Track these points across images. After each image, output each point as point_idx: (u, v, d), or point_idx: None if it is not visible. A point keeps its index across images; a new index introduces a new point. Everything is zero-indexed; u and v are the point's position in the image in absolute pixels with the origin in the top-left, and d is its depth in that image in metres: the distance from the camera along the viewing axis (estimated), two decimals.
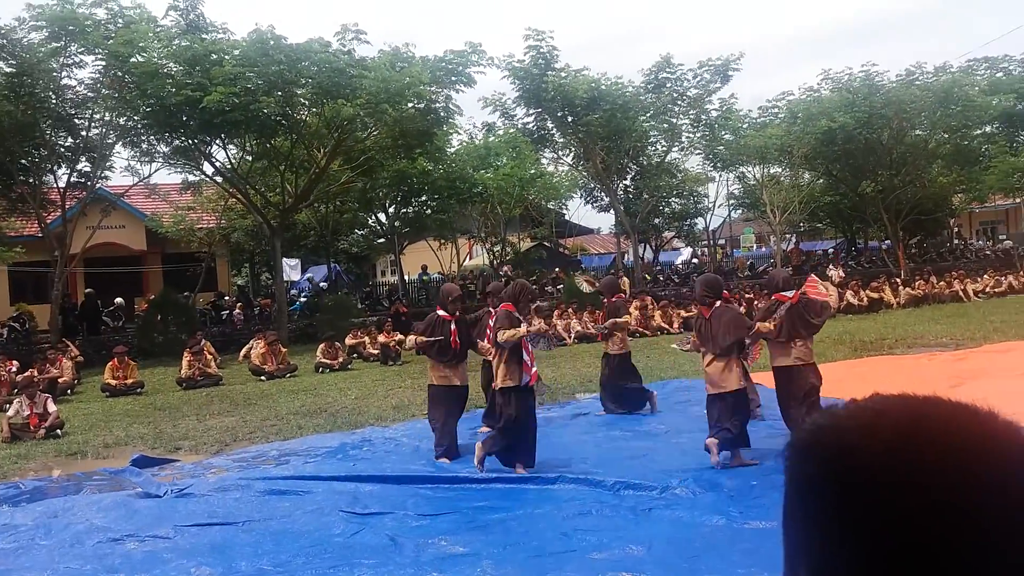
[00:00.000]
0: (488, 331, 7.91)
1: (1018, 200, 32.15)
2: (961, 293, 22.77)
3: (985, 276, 24.72)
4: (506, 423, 6.81)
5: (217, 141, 20.24)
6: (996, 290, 23.56)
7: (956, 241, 36.12)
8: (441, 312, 7.75)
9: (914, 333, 15.47)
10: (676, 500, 6.05)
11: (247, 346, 16.78)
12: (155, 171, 21.88)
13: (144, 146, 20.29)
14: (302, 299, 25.24)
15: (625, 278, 23.15)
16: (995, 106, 25.58)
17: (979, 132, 28.38)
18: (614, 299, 9.48)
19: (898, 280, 23.79)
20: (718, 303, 6.96)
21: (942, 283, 23.37)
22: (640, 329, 18.71)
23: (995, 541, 0.59)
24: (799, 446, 0.68)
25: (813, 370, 7.23)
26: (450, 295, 7.99)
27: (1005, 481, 0.60)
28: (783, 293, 7.31)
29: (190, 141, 19.67)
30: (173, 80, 17.68)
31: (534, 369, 6.99)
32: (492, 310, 8.34)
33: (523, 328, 6.91)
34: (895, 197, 26.60)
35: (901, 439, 0.62)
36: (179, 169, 22.20)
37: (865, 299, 21.41)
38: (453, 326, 7.65)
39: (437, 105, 20.74)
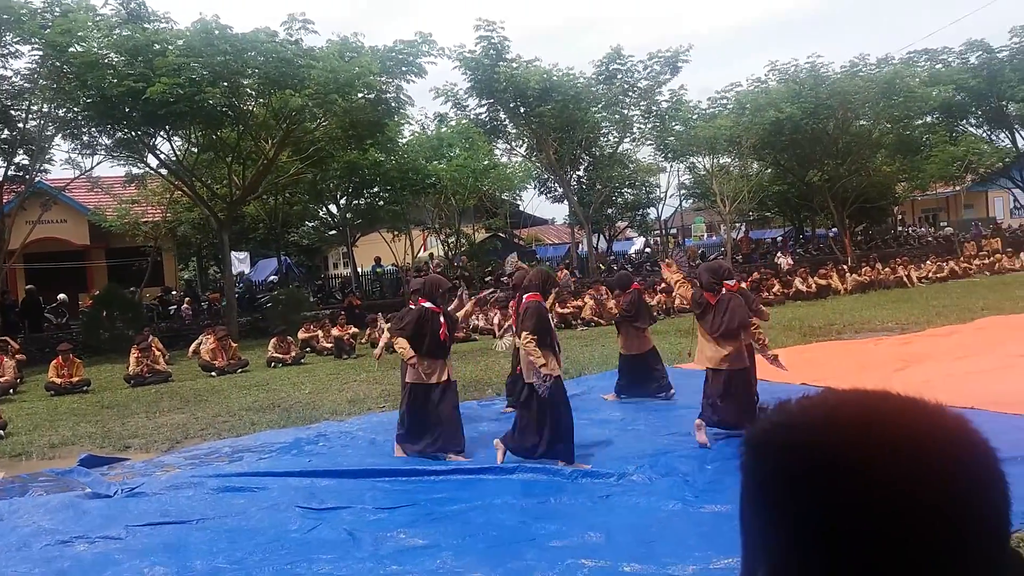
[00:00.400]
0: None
1: (958, 188, 33.12)
2: (905, 279, 23.40)
3: (928, 262, 25.44)
4: (530, 419, 6.71)
5: (161, 133, 19.76)
6: (938, 275, 24.27)
7: (900, 228, 37.09)
8: (428, 304, 7.33)
9: (861, 318, 15.85)
10: (633, 486, 6.11)
11: (196, 341, 16.47)
12: (97, 164, 21.31)
13: (85, 138, 19.72)
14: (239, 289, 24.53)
15: (565, 271, 23.33)
16: (935, 97, 26.29)
17: (920, 122, 29.17)
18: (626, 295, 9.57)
19: (845, 267, 24.34)
20: (723, 290, 7.22)
21: (887, 269, 23.99)
22: (595, 318, 18.85)
23: (949, 532, 0.60)
24: (753, 444, 0.68)
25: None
26: (440, 287, 7.59)
27: (956, 473, 0.61)
28: (727, 283, 7.41)
29: (133, 133, 19.17)
30: (114, 71, 17.19)
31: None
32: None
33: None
34: (841, 186, 27.19)
35: (854, 436, 0.62)
36: (122, 162, 21.63)
37: (813, 286, 21.86)
38: (442, 319, 7.33)
39: (388, 95, 20.54)
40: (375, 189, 25.86)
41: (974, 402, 7.47)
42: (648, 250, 34.36)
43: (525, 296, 6.99)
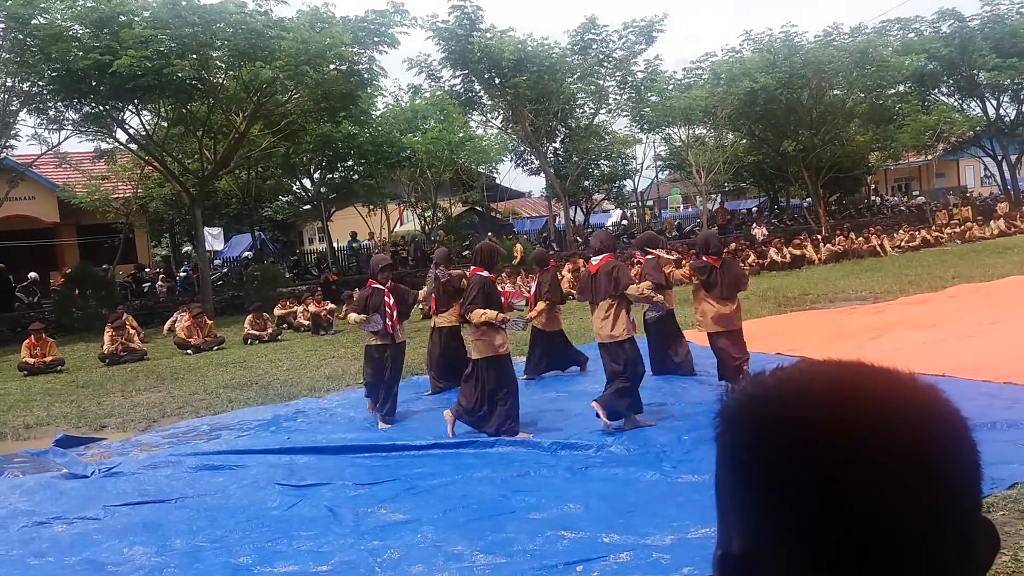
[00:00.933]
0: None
1: (930, 157, 33.43)
2: (878, 248, 23.64)
3: (900, 231, 25.71)
4: (632, 372, 6.79)
5: (130, 107, 19.39)
6: (911, 244, 24.55)
7: (873, 198, 37.42)
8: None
9: (835, 288, 16.02)
10: (612, 458, 6.17)
11: (171, 319, 16.31)
12: (65, 139, 20.93)
13: (52, 113, 19.29)
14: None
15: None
16: (907, 66, 26.43)
17: (893, 91, 29.34)
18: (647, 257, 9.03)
19: (819, 237, 24.55)
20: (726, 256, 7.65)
21: (861, 239, 24.21)
22: (572, 291, 18.87)
23: (923, 502, 0.60)
24: (728, 416, 0.68)
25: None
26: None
27: (929, 444, 0.62)
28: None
29: (101, 107, 18.79)
30: (79, 43, 16.80)
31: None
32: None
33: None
34: (815, 156, 27.34)
35: (828, 407, 0.63)
36: (90, 137, 21.23)
37: (788, 256, 22.03)
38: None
39: (360, 67, 20.27)
40: (349, 163, 25.62)
41: (945, 369, 7.61)
42: (624, 222, 34.42)
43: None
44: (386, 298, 7.76)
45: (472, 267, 7.23)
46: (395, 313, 7.78)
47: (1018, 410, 6.13)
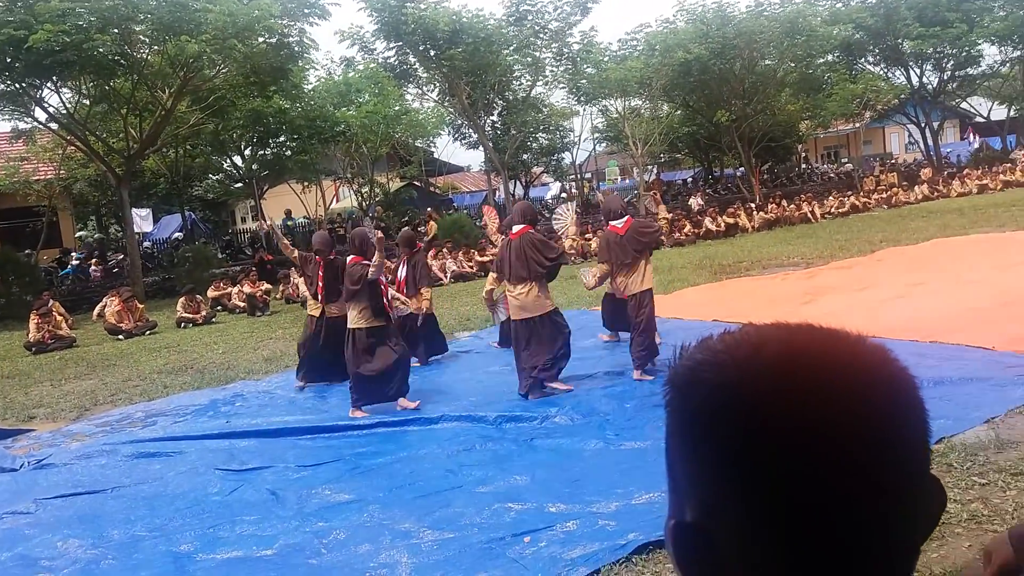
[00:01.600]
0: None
1: (857, 125, 34.33)
2: (809, 215, 24.23)
3: (830, 198, 26.38)
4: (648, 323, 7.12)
5: (48, 84, 18.54)
6: (840, 211, 25.22)
7: (804, 166, 38.28)
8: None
9: (768, 255, 16.37)
10: (556, 428, 6.22)
11: (100, 304, 15.76)
12: None
13: None
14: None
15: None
16: (836, 36, 26.98)
17: (822, 61, 29.94)
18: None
19: (752, 205, 25.03)
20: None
21: (792, 206, 24.77)
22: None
23: (877, 462, 0.60)
24: (678, 383, 0.66)
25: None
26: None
27: (880, 403, 0.61)
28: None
29: (17, 85, 17.92)
30: None
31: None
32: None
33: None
34: (748, 125, 27.78)
35: (780, 371, 0.62)
36: (7, 116, 20.24)
37: (723, 225, 22.42)
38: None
39: (290, 39, 19.76)
40: (281, 138, 25.01)
41: (875, 330, 7.82)
42: (564, 195, 34.53)
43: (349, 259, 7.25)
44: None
45: (352, 256, 7.18)
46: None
47: (944, 368, 6.37)
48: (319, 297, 8.33)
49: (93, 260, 22.45)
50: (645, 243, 7.33)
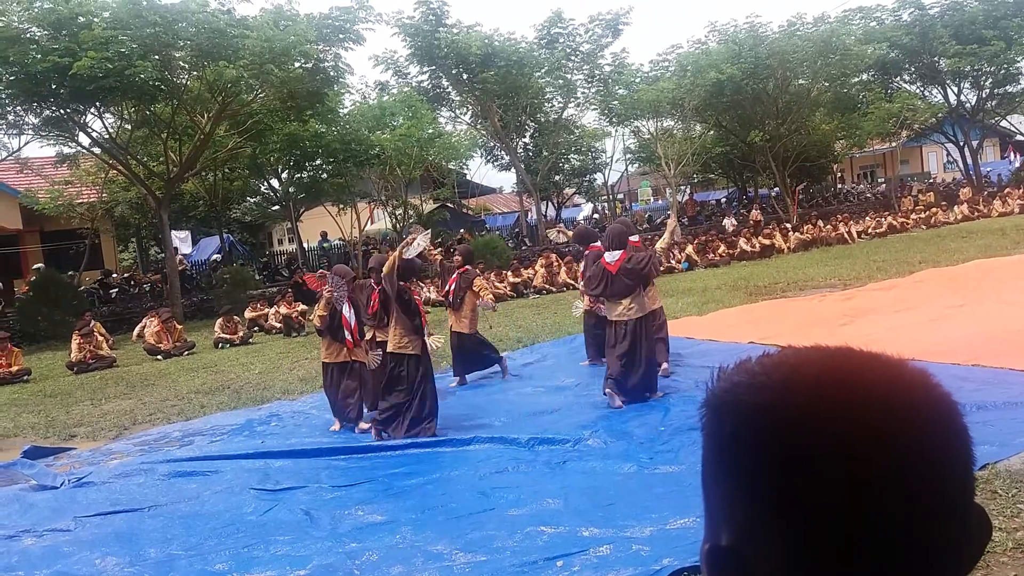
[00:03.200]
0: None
1: (894, 144, 33.88)
2: (846, 235, 23.93)
3: (867, 218, 26.03)
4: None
5: (92, 110, 19.03)
6: (877, 231, 24.87)
7: (840, 186, 37.84)
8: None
9: (804, 276, 16.18)
10: (589, 451, 6.17)
11: (140, 325, 16.07)
12: (25, 144, 20.46)
13: (11, 117, 18.87)
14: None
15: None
16: (870, 54, 26.73)
17: (856, 80, 29.70)
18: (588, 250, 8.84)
19: (788, 225, 24.78)
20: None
21: (828, 227, 24.49)
22: (546, 286, 18.93)
23: (919, 489, 0.59)
24: (715, 405, 0.66)
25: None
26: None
27: (922, 428, 0.60)
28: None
29: (62, 111, 18.42)
30: (37, 46, 16.44)
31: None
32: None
33: None
34: (782, 145, 27.57)
35: (818, 394, 0.61)
36: (52, 141, 20.79)
37: (757, 246, 22.23)
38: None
39: (326, 64, 20.07)
40: (317, 161, 25.34)
41: (915, 353, 7.70)
42: (596, 216, 34.49)
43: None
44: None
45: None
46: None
47: (986, 392, 6.23)
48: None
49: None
50: (636, 279, 7.29)
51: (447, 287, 9.20)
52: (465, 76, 24.35)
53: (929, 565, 0.60)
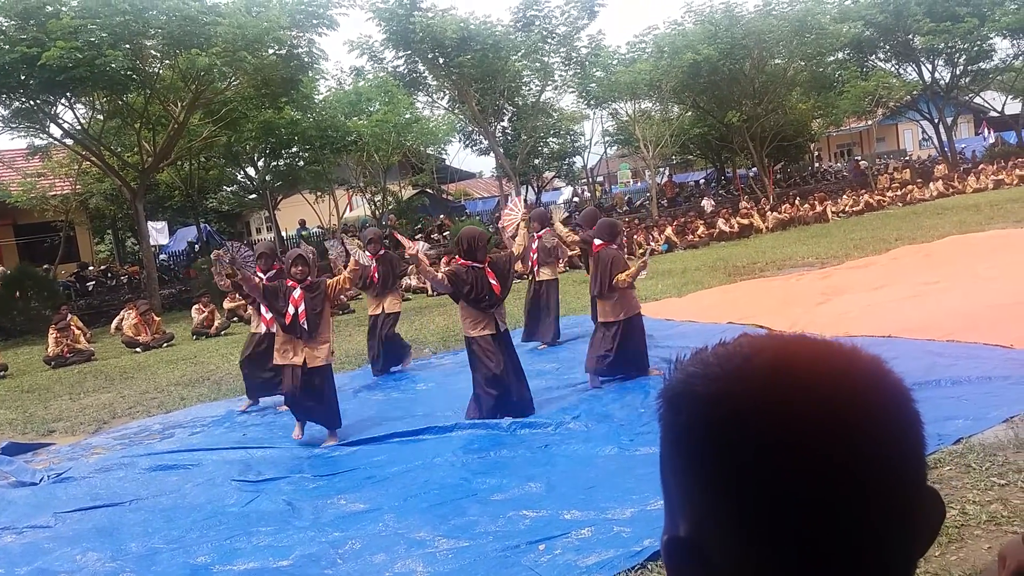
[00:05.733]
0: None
1: (870, 123, 34.11)
2: (825, 214, 24.07)
3: (844, 196, 26.21)
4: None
5: (62, 101, 18.76)
6: (855, 209, 25.06)
7: (817, 165, 38.07)
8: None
9: (783, 255, 16.28)
10: (570, 435, 6.20)
11: (118, 317, 15.90)
12: None
13: None
14: None
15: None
16: (845, 33, 26.84)
17: (832, 59, 29.81)
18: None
19: (765, 205, 24.91)
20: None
21: (806, 206, 24.64)
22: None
23: (869, 477, 0.59)
24: (669, 396, 0.66)
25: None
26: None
27: (873, 416, 0.61)
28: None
29: (31, 102, 18.14)
30: (5, 36, 16.19)
31: None
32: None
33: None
34: (759, 125, 27.67)
35: (768, 383, 0.61)
36: (23, 133, 20.49)
37: (736, 226, 22.33)
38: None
39: (300, 50, 19.89)
40: (294, 149, 25.17)
41: (891, 330, 7.81)
42: (576, 199, 34.50)
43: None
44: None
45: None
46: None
47: (961, 367, 6.31)
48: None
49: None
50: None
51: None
52: (441, 60, 24.19)
53: (883, 549, 0.60)
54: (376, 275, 9.15)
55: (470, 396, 6.84)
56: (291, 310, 6.61)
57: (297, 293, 6.64)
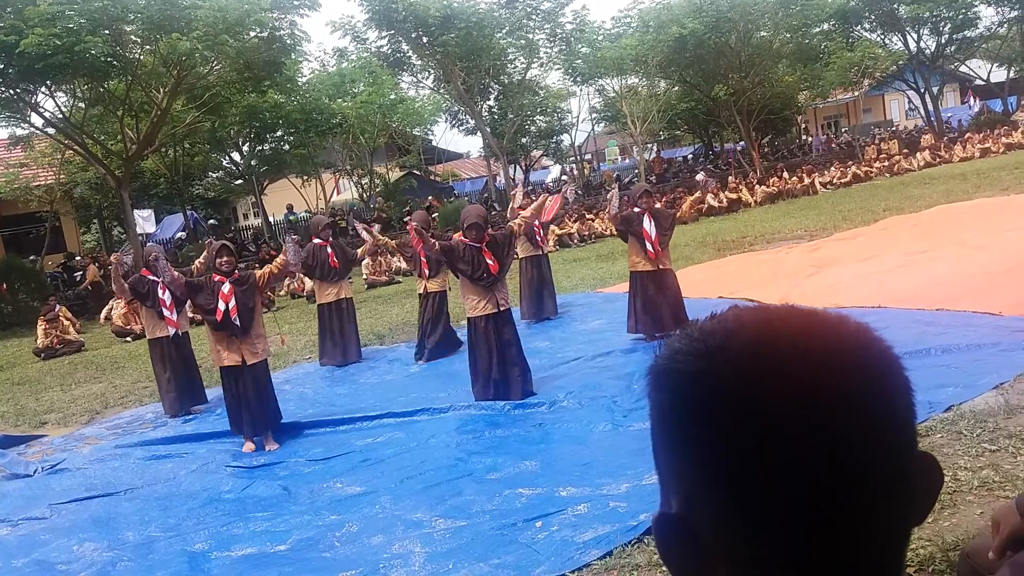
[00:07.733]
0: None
1: (856, 94, 34.05)
2: (813, 186, 24.09)
3: (832, 168, 26.23)
4: None
5: (42, 89, 18.48)
6: (843, 180, 25.09)
7: (804, 137, 38.04)
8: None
9: (772, 229, 16.31)
10: (564, 413, 6.22)
11: (107, 307, 15.83)
12: None
13: None
14: None
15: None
16: (830, 4, 26.78)
17: (818, 30, 29.71)
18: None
19: (754, 179, 24.90)
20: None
21: (794, 179, 24.65)
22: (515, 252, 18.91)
23: (859, 445, 0.59)
24: (656, 373, 0.65)
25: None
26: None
27: (861, 386, 0.60)
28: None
29: (11, 91, 17.86)
30: None
31: None
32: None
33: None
34: (746, 99, 27.60)
35: (753, 356, 0.60)
36: (3, 123, 20.24)
37: (725, 200, 22.32)
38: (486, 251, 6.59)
39: (282, 32, 19.66)
40: (279, 133, 24.96)
41: (881, 300, 7.85)
42: (564, 177, 34.40)
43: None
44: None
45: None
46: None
47: (951, 335, 6.35)
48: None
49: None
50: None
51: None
52: (425, 39, 23.98)
53: (875, 518, 0.60)
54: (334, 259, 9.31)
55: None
56: (221, 306, 6.28)
57: (226, 288, 6.30)
